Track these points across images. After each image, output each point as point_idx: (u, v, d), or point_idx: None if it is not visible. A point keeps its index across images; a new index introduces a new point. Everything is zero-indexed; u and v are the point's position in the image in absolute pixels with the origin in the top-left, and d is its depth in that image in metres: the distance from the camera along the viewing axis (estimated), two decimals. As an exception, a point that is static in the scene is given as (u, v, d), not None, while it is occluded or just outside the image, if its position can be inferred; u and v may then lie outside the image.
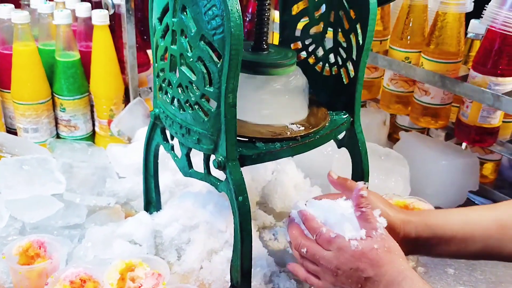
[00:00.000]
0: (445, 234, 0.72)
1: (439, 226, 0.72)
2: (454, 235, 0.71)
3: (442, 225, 0.72)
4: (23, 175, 0.99)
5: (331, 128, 0.83)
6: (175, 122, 0.78)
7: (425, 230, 0.72)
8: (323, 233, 0.68)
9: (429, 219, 0.73)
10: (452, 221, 0.72)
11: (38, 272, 0.74)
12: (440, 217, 0.74)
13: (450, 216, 0.74)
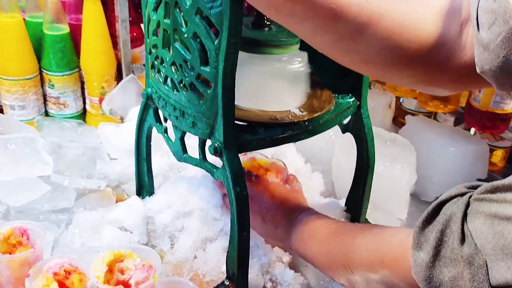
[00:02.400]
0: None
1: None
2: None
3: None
4: (7, 155, 0.94)
5: (336, 112, 0.77)
6: (168, 104, 0.72)
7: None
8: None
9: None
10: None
11: (20, 262, 0.69)
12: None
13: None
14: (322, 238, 0.68)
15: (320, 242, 0.69)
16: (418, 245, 0.49)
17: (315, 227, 0.71)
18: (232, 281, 0.75)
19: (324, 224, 0.70)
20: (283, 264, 0.85)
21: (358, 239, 0.61)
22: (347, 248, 0.62)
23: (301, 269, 0.84)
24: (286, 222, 0.77)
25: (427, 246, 0.47)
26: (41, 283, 0.65)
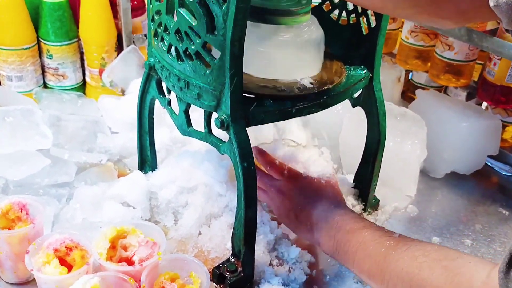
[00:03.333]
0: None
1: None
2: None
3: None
4: (5, 127, 0.91)
5: (347, 85, 0.74)
6: (172, 74, 0.68)
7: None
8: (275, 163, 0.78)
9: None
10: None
11: (19, 237, 0.67)
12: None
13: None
14: (376, 257, 0.62)
15: (373, 261, 0.62)
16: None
17: (364, 241, 0.64)
18: (238, 258, 0.73)
19: (374, 238, 0.63)
20: (290, 241, 0.83)
21: (426, 272, 0.55)
22: (413, 281, 0.56)
23: (308, 247, 0.82)
24: (324, 224, 0.71)
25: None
26: (41, 260, 0.63)
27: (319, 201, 0.73)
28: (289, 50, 0.72)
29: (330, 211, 0.71)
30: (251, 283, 0.74)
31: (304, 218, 0.74)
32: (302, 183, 0.75)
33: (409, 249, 0.59)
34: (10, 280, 0.71)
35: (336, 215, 0.70)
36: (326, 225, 0.70)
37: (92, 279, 0.59)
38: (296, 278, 0.76)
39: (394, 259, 0.59)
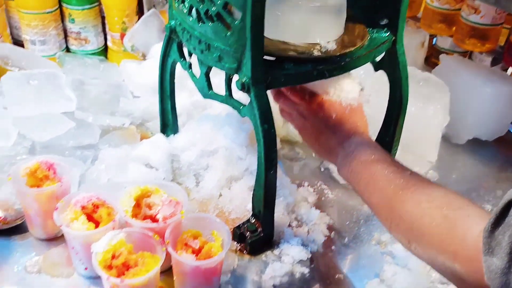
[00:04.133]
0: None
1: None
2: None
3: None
4: (30, 91, 0.93)
5: (370, 48, 0.73)
6: (193, 36, 0.68)
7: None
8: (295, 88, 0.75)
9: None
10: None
11: (47, 195, 0.69)
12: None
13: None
14: (384, 194, 0.62)
15: (381, 197, 0.63)
16: (490, 250, 0.45)
17: (375, 174, 0.64)
18: (258, 219, 0.74)
19: (386, 173, 0.63)
20: (309, 204, 0.84)
21: (427, 220, 0.55)
22: (414, 225, 0.57)
23: (327, 210, 0.83)
24: (341, 151, 0.71)
25: (500, 251, 0.44)
26: (69, 216, 0.65)
27: (338, 126, 0.72)
28: (310, 12, 0.71)
29: (348, 138, 0.71)
30: (271, 243, 0.76)
31: (324, 141, 0.74)
32: (323, 108, 0.73)
33: (416, 192, 0.59)
34: (39, 236, 0.74)
35: (353, 143, 0.70)
36: (343, 152, 0.70)
37: (118, 235, 0.62)
38: (315, 239, 0.77)
39: (400, 199, 0.60)
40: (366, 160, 0.67)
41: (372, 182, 0.65)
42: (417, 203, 0.58)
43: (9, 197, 0.77)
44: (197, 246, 0.64)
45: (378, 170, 0.65)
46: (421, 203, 0.57)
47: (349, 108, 0.74)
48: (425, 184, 0.60)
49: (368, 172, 0.66)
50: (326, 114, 0.73)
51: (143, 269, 0.59)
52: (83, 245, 0.65)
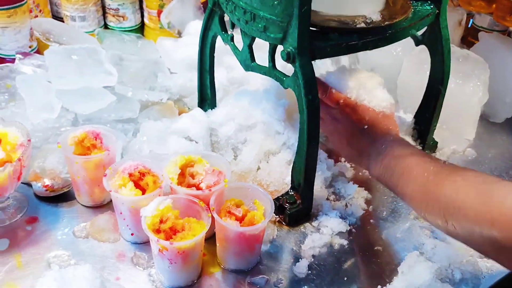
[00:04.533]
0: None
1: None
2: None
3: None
4: (72, 65, 0.94)
5: (414, 20, 0.73)
6: (238, 7, 0.69)
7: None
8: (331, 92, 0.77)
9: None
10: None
11: (95, 163, 0.72)
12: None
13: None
14: (419, 181, 0.63)
15: (416, 183, 0.64)
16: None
17: (409, 165, 0.66)
18: (297, 191, 0.75)
19: (419, 163, 0.65)
20: (346, 179, 0.85)
21: (462, 195, 0.57)
22: (449, 202, 0.58)
23: (364, 185, 0.84)
24: (373, 150, 0.72)
25: None
26: (118, 183, 0.67)
27: (371, 128, 0.74)
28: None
29: (380, 138, 0.73)
30: (309, 215, 0.77)
31: (355, 144, 0.76)
32: (356, 112, 0.76)
33: (451, 175, 0.60)
34: (86, 203, 0.76)
35: (385, 141, 0.72)
36: (375, 151, 0.72)
37: (166, 201, 0.63)
38: (354, 212, 0.78)
39: (435, 183, 0.61)
40: (399, 154, 0.69)
41: (406, 173, 0.66)
42: (452, 182, 0.59)
43: (56, 166, 0.80)
44: (240, 214, 0.66)
45: (412, 161, 0.66)
46: (456, 182, 0.59)
47: (382, 114, 0.76)
48: (458, 169, 0.63)
49: (402, 165, 0.67)
50: (359, 117, 0.75)
51: (190, 233, 0.61)
52: (131, 211, 0.67)
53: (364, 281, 0.68)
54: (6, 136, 0.70)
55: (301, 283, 0.67)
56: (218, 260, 0.69)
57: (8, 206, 0.74)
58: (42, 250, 0.69)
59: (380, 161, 0.70)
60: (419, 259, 0.69)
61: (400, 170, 0.67)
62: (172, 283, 0.65)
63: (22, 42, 1.00)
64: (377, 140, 0.73)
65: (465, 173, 0.61)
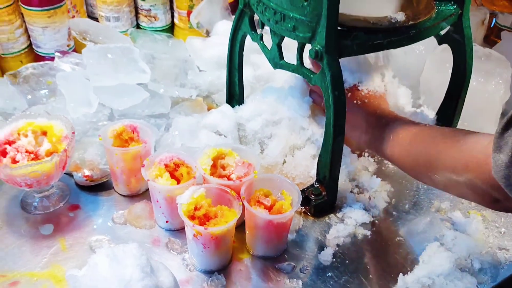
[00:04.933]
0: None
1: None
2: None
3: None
4: (108, 63, 0.99)
5: (437, 20, 0.75)
6: (268, 8, 0.73)
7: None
8: None
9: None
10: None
11: (133, 155, 0.76)
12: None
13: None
14: (405, 142, 0.72)
15: (402, 145, 0.72)
16: (498, 148, 0.52)
17: (395, 130, 0.74)
18: (322, 184, 0.79)
19: (403, 127, 0.73)
20: (369, 173, 0.88)
21: (441, 146, 0.65)
22: (431, 154, 0.66)
23: (387, 179, 0.87)
24: (364, 124, 0.80)
25: (506, 149, 0.51)
26: (154, 173, 0.72)
27: (362, 105, 0.82)
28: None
29: (371, 112, 0.81)
30: (334, 207, 0.80)
31: (350, 119, 0.80)
32: (353, 93, 0.84)
33: (431, 132, 0.69)
34: (123, 192, 0.81)
35: (375, 114, 0.80)
36: (365, 124, 0.80)
37: (200, 189, 0.68)
38: (377, 204, 0.81)
39: (417, 140, 0.70)
40: (386, 121, 0.78)
41: (393, 138, 0.74)
42: (432, 137, 0.68)
43: (95, 158, 0.85)
44: (269, 203, 0.70)
45: (397, 126, 0.75)
46: (435, 138, 0.68)
47: (373, 93, 0.84)
48: (438, 127, 0.72)
49: (389, 131, 0.75)
50: (354, 94, 0.83)
51: (222, 220, 0.65)
52: (166, 199, 0.71)
53: (386, 269, 0.71)
54: (52, 129, 0.75)
55: (326, 270, 0.71)
56: (247, 247, 0.73)
57: (52, 194, 0.79)
58: (84, 235, 0.74)
59: (370, 131, 0.79)
60: (439, 249, 0.72)
61: (387, 136, 0.75)
62: (204, 267, 0.69)
63: (61, 41, 1.06)
64: (368, 114, 0.81)
65: (443, 130, 0.69)
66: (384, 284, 0.69)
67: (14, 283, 0.67)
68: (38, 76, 0.99)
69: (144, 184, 0.81)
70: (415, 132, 0.72)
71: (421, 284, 0.67)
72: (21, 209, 0.78)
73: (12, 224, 0.75)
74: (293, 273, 0.71)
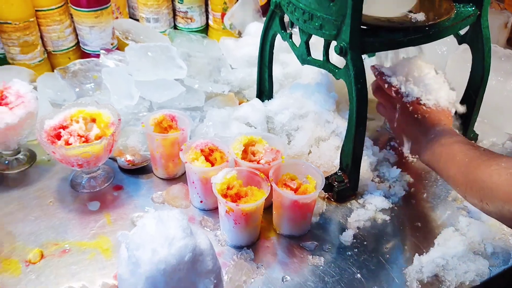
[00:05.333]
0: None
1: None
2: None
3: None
4: (148, 60, 1.08)
5: (456, 20, 0.80)
6: (297, 8, 0.79)
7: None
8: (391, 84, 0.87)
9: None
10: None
11: (171, 140, 0.84)
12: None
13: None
14: (461, 165, 0.72)
15: (458, 168, 0.72)
16: None
17: (453, 152, 0.75)
18: (345, 172, 0.85)
19: (462, 150, 0.74)
20: (390, 164, 0.93)
21: (495, 178, 0.66)
22: (484, 184, 0.67)
23: (407, 170, 0.92)
24: (424, 139, 0.81)
25: None
26: (191, 156, 0.79)
27: (424, 118, 0.83)
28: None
29: (430, 129, 0.82)
30: (356, 193, 0.86)
31: (410, 131, 0.85)
32: (414, 107, 0.84)
33: (488, 160, 0.69)
34: (161, 175, 0.89)
35: (435, 131, 0.81)
36: (425, 140, 0.81)
37: (232, 171, 0.75)
38: (396, 193, 0.86)
39: (473, 166, 0.70)
40: (445, 142, 0.77)
41: (450, 159, 0.74)
42: (488, 166, 0.68)
43: (136, 144, 0.93)
44: (294, 186, 0.76)
45: (456, 148, 0.75)
46: (491, 166, 0.67)
47: (436, 107, 0.84)
48: (496, 155, 0.70)
49: (447, 151, 0.76)
50: (415, 108, 0.84)
51: (252, 198, 0.72)
52: (201, 180, 0.79)
53: (403, 250, 0.77)
54: (101, 116, 0.84)
55: (346, 249, 0.77)
56: (274, 226, 0.80)
57: (99, 175, 0.88)
58: (127, 211, 0.82)
59: (429, 148, 0.79)
60: (454, 234, 0.77)
61: (445, 156, 0.75)
62: (235, 242, 0.76)
63: (106, 40, 1.15)
64: (427, 130, 0.82)
65: (500, 159, 0.69)
66: (400, 263, 0.74)
67: (66, 250, 0.75)
68: (85, 71, 1.08)
69: (181, 168, 0.88)
70: (471, 156, 0.72)
71: (436, 264, 0.72)
72: (70, 188, 0.86)
73: (63, 201, 0.84)
74: (316, 251, 0.77)
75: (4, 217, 0.80)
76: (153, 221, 0.54)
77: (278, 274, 0.73)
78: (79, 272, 0.72)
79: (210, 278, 0.55)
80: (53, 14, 1.09)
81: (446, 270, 0.72)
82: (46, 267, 0.72)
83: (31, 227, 0.78)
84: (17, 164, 0.90)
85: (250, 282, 0.71)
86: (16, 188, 0.86)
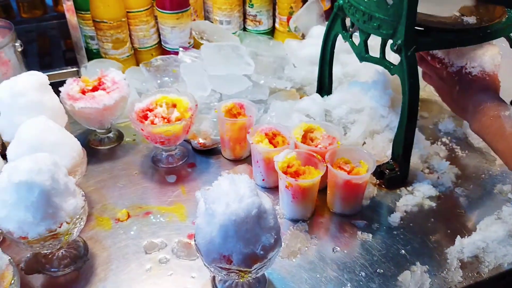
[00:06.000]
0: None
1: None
2: None
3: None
4: (221, 57, 1.21)
5: (506, 24, 0.86)
6: (358, 10, 0.89)
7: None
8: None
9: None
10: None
11: (240, 125, 0.96)
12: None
13: None
14: (509, 140, 0.76)
15: (508, 143, 0.77)
16: None
17: (502, 126, 0.78)
18: (396, 161, 0.92)
19: (511, 125, 0.77)
20: (440, 157, 0.99)
21: None
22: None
23: (456, 164, 0.98)
24: (471, 109, 0.84)
25: None
26: (257, 139, 0.90)
27: (469, 88, 0.85)
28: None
29: (480, 99, 0.83)
30: (405, 182, 0.93)
31: (457, 99, 0.87)
32: (459, 75, 0.87)
33: None
34: (228, 157, 1.01)
35: (482, 101, 0.83)
36: (474, 110, 0.84)
37: (292, 152, 0.85)
38: (444, 183, 0.93)
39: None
40: (494, 115, 0.81)
41: (499, 133, 0.79)
42: None
43: (207, 129, 1.06)
44: (348, 168, 0.85)
45: (506, 122, 0.79)
46: None
47: (483, 74, 0.86)
48: None
49: (496, 125, 0.80)
50: (461, 78, 0.87)
51: (309, 176, 0.82)
52: (265, 160, 0.89)
53: (446, 233, 0.83)
54: (181, 102, 0.97)
55: (393, 229, 0.84)
56: (328, 205, 0.89)
57: (176, 153, 1.01)
58: (199, 184, 0.94)
59: (478, 119, 0.83)
60: (496, 221, 0.83)
61: (494, 129, 0.79)
62: (292, 216, 0.86)
63: (184, 39, 1.29)
64: (475, 100, 0.84)
65: None
66: (443, 244, 0.81)
67: (148, 212, 0.88)
68: (166, 66, 1.23)
69: (246, 151, 1.00)
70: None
71: (476, 246, 0.78)
72: (152, 163, 1.00)
73: (145, 173, 0.98)
74: (365, 228, 0.85)
75: (97, 183, 0.95)
76: (227, 181, 0.65)
77: (329, 245, 0.82)
78: (158, 231, 0.85)
79: (272, 233, 0.65)
80: (141, 15, 1.24)
81: (486, 252, 0.78)
82: (132, 225, 0.86)
83: (120, 192, 0.93)
84: (108, 142, 1.05)
85: (304, 249, 0.81)
86: (107, 161, 1.01)
